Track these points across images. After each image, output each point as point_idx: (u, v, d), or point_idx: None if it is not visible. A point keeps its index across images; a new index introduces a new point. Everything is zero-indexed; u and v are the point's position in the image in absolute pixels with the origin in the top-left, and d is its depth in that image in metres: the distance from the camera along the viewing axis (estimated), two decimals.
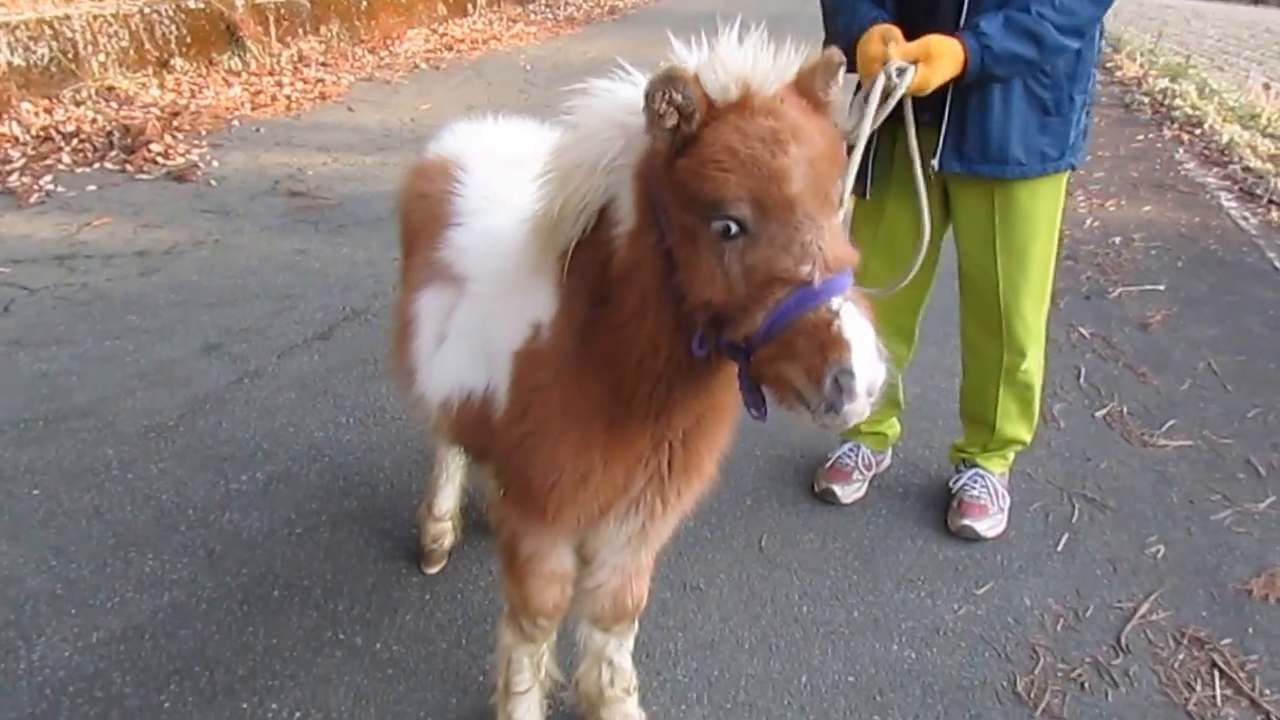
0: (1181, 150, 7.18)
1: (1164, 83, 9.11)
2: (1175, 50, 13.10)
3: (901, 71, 1.88)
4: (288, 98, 6.42)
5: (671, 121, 1.11)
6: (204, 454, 2.66)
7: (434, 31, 9.00)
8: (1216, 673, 2.11)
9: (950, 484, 2.63)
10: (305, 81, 6.84)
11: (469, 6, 9.88)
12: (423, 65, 7.94)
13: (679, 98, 1.10)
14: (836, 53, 1.18)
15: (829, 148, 1.13)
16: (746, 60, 1.12)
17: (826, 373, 1.05)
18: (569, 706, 1.90)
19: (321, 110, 6.41)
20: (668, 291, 1.21)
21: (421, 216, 1.81)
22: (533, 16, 10.65)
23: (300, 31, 7.41)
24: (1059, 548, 2.49)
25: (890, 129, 2.04)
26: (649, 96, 1.11)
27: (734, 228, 1.10)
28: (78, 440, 2.67)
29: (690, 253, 1.15)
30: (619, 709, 1.82)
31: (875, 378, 1.05)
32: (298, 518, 2.43)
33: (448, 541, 2.28)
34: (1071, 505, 2.68)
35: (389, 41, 8.30)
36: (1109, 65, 10.44)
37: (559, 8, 11.29)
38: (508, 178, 1.65)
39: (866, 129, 1.80)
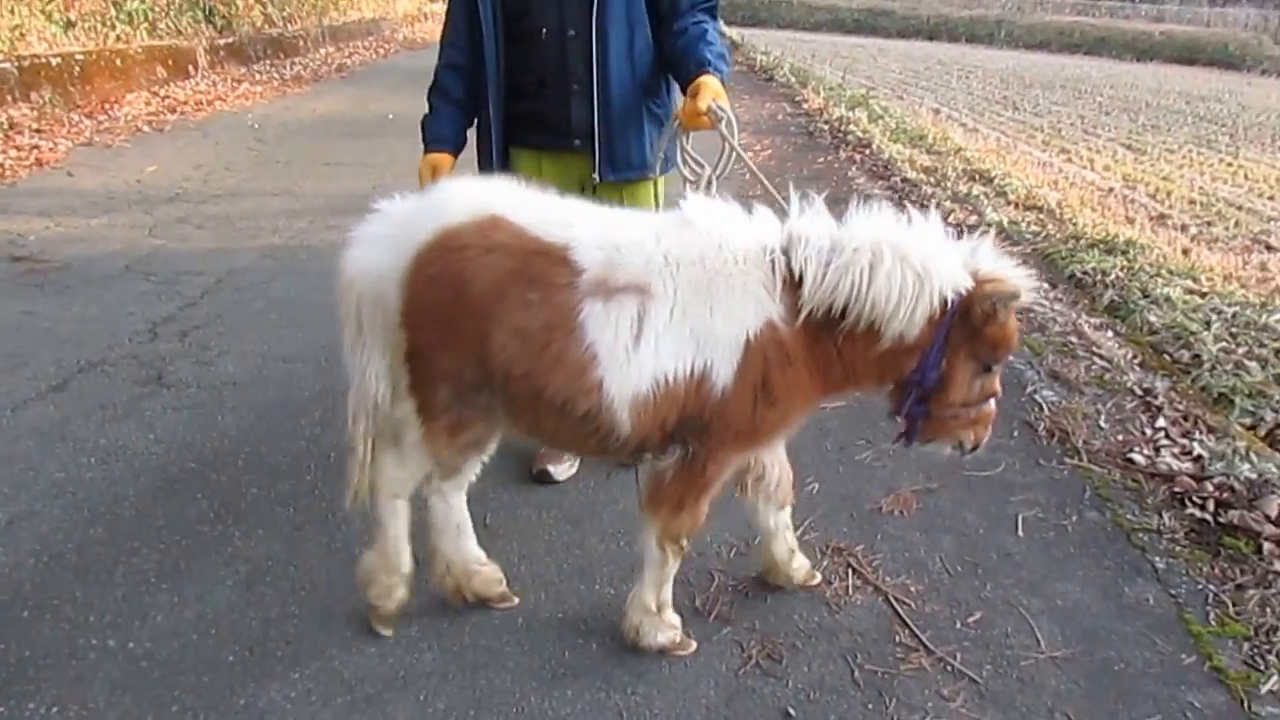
0: (854, 168, 8.40)
1: (841, 111, 10.52)
2: (861, 83, 15.00)
3: (722, 111, 2.47)
4: (1, 165, 6.22)
5: (1000, 315, 2.00)
6: None
7: (155, 94, 8.82)
8: (851, 571, 2.69)
9: None
10: (18, 149, 6.61)
11: (191, 69, 9.73)
12: (145, 128, 7.84)
13: (1005, 307, 1.99)
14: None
15: None
16: (1031, 286, 2.03)
17: (982, 439, 2.18)
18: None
19: (39, 176, 6.27)
20: (896, 374, 2.09)
21: (505, 262, 1.97)
22: (258, 76, 10.57)
23: (9, 99, 7.13)
24: (734, 495, 3.04)
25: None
26: (992, 304, 1.97)
27: (991, 368, 2.08)
28: None
29: (959, 372, 2.06)
30: (797, 560, 2.59)
31: None
32: (43, 549, 2.59)
33: (401, 594, 2.36)
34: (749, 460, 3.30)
35: (107, 106, 8.09)
36: (797, 99, 11.82)
37: (285, 67, 11.27)
38: (598, 218, 2.11)
39: (729, 160, 2.54)
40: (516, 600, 2.50)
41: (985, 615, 2.55)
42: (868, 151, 8.81)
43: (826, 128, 10.07)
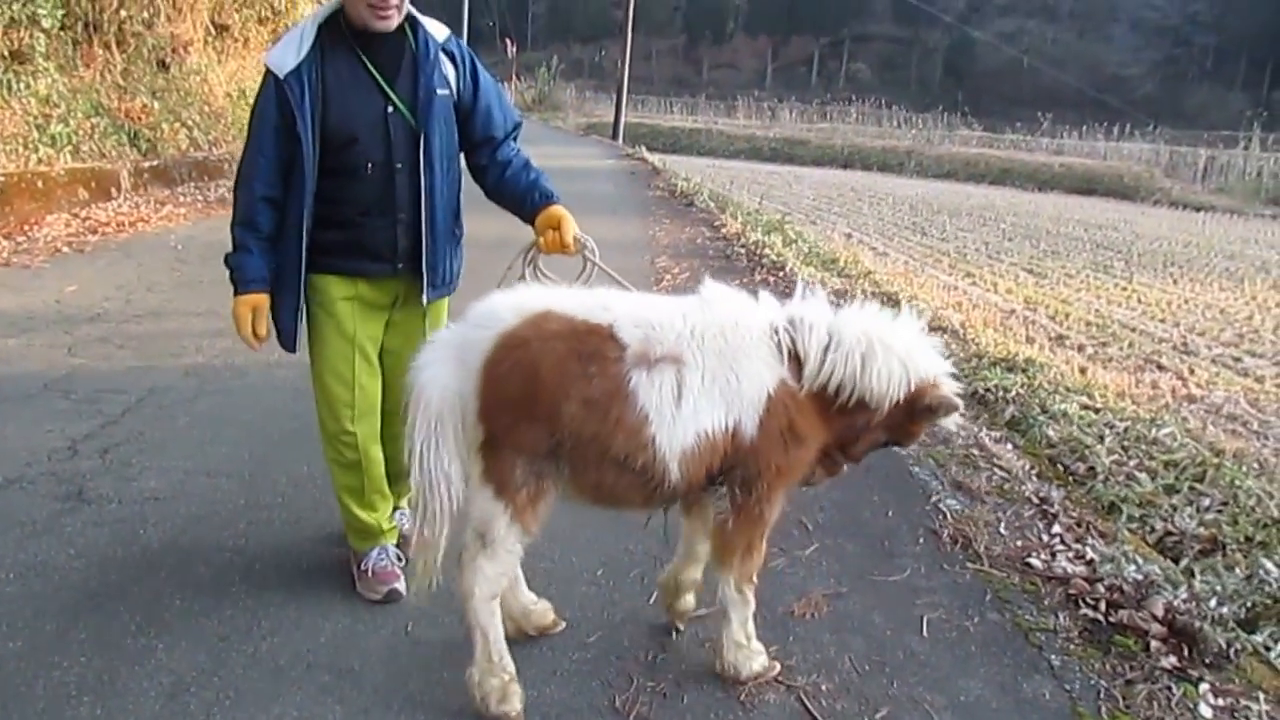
0: (768, 290, 8.77)
1: (758, 236, 11.06)
2: (778, 209, 15.75)
3: (584, 238, 2.89)
4: None
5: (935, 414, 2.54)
6: None
7: (76, 216, 8.81)
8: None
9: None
10: None
11: (113, 190, 9.79)
12: (65, 249, 7.81)
13: (943, 414, 2.53)
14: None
15: None
16: (959, 408, 2.56)
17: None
18: None
19: None
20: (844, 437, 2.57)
21: (563, 345, 2.32)
22: (182, 198, 10.63)
23: None
24: (651, 601, 3.11)
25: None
26: (933, 405, 2.50)
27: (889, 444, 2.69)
28: None
29: (872, 434, 2.59)
30: (692, 597, 2.97)
31: None
32: None
33: (516, 690, 2.51)
34: (662, 570, 3.31)
35: (26, 227, 8.04)
36: (716, 224, 12.36)
37: (209, 189, 11.35)
38: (627, 302, 2.48)
39: (592, 274, 2.91)
40: (564, 624, 2.92)
41: (892, 711, 2.67)
42: (782, 274, 9.15)
43: (743, 251, 10.49)
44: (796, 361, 2.45)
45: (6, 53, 8.74)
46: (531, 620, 2.85)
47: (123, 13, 11.01)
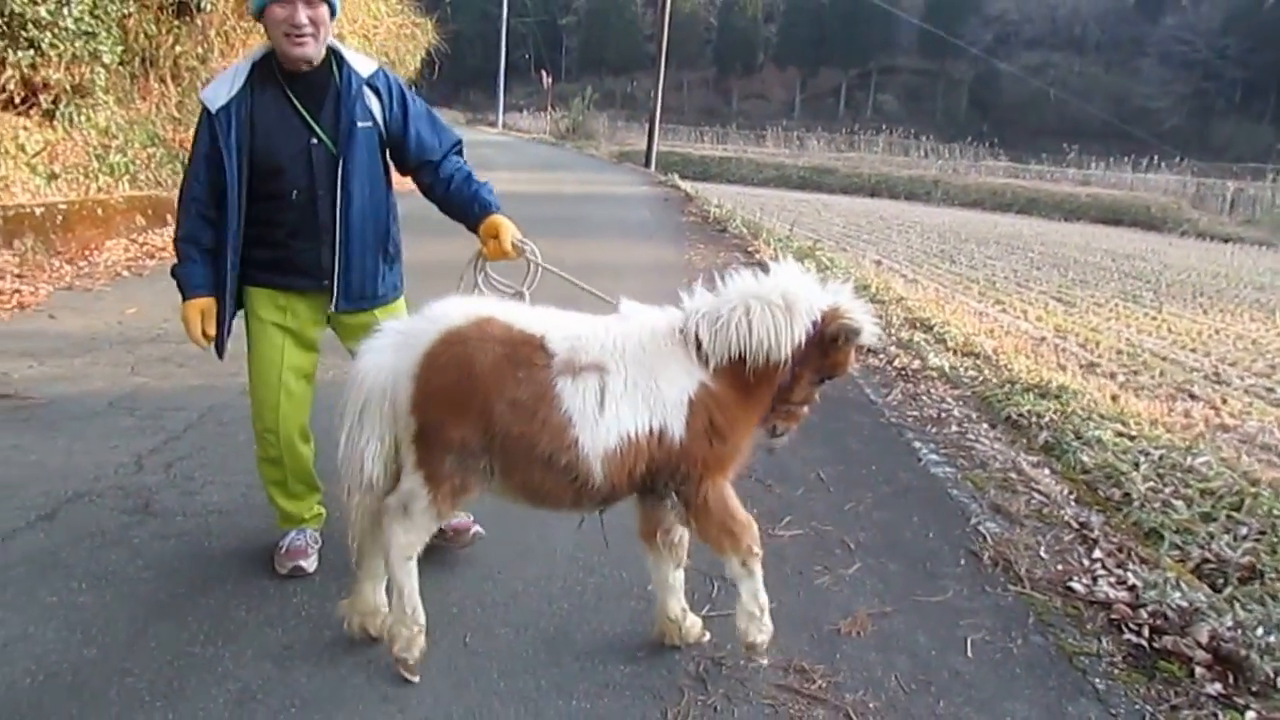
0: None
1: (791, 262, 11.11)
2: (808, 235, 15.88)
3: (525, 242, 3.10)
4: None
5: (840, 341, 2.59)
6: None
7: (134, 241, 9.12)
8: (814, 689, 2.85)
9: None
10: (1, 293, 6.79)
11: (169, 217, 10.09)
12: (125, 273, 8.09)
13: (849, 339, 2.58)
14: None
15: None
16: (875, 332, 2.66)
17: (789, 430, 2.86)
18: None
19: (21, 319, 6.43)
20: (779, 382, 2.64)
21: (499, 348, 2.53)
22: None
23: None
24: (702, 615, 3.14)
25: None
26: (838, 330, 2.56)
27: (823, 382, 2.73)
28: None
29: (804, 379, 2.67)
30: (689, 619, 3.03)
31: None
32: (39, 669, 2.67)
33: (421, 644, 2.77)
34: (712, 585, 3.40)
35: (87, 252, 8.34)
36: (749, 249, 12.45)
37: None
38: (557, 318, 2.69)
39: (538, 276, 3.18)
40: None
41: None
42: None
43: None
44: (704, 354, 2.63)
45: (69, 87, 9.08)
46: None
47: (178, 48, 11.41)
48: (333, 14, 2.96)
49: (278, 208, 3.04)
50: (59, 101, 9.05)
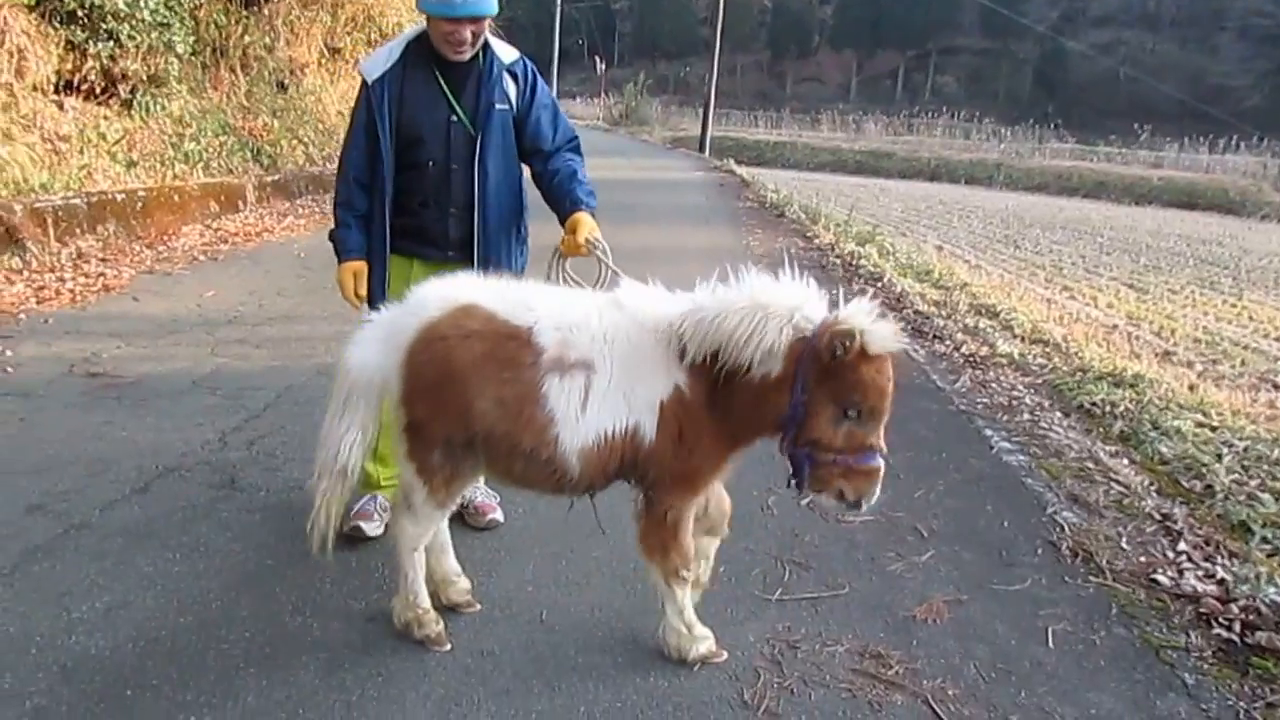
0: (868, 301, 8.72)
1: (851, 246, 11.01)
2: (866, 220, 15.62)
3: (598, 241, 3.08)
4: (71, 291, 6.61)
5: (838, 351, 2.25)
6: (43, 592, 2.97)
7: (209, 227, 9.38)
8: (891, 674, 2.84)
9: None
10: (87, 276, 7.03)
11: (240, 203, 10.35)
12: (201, 257, 8.31)
13: (848, 345, 2.24)
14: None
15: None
16: (886, 334, 2.27)
17: (864, 496, 2.45)
18: None
19: (107, 301, 6.65)
20: (776, 412, 2.41)
21: (480, 345, 2.51)
22: (301, 210, 11.18)
23: (78, 231, 7.62)
24: (774, 599, 3.21)
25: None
26: (830, 338, 2.25)
27: (853, 414, 2.35)
28: None
29: (819, 409, 2.36)
30: (706, 575, 2.97)
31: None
32: (139, 634, 2.78)
33: (435, 617, 2.86)
34: (784, 568, 3.42)
35: (165, 237, 8.60)
36: (809, 235, 12.33)
37: (325, 201, 11.86)
38: (551, 301, 2.62)
39: (608, 277, 3.05)
40: (479, 606, 3.03)
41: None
42: (879, 285, 9.11)
43: (838, 262, 10.48)
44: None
45: (145, 77, 9.33)
46: (448, 592, 3.02)
47: (246, 39, 11.71)
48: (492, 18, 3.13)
49: (414, 177, 3.21)
50: (136, 91, 9.30)
